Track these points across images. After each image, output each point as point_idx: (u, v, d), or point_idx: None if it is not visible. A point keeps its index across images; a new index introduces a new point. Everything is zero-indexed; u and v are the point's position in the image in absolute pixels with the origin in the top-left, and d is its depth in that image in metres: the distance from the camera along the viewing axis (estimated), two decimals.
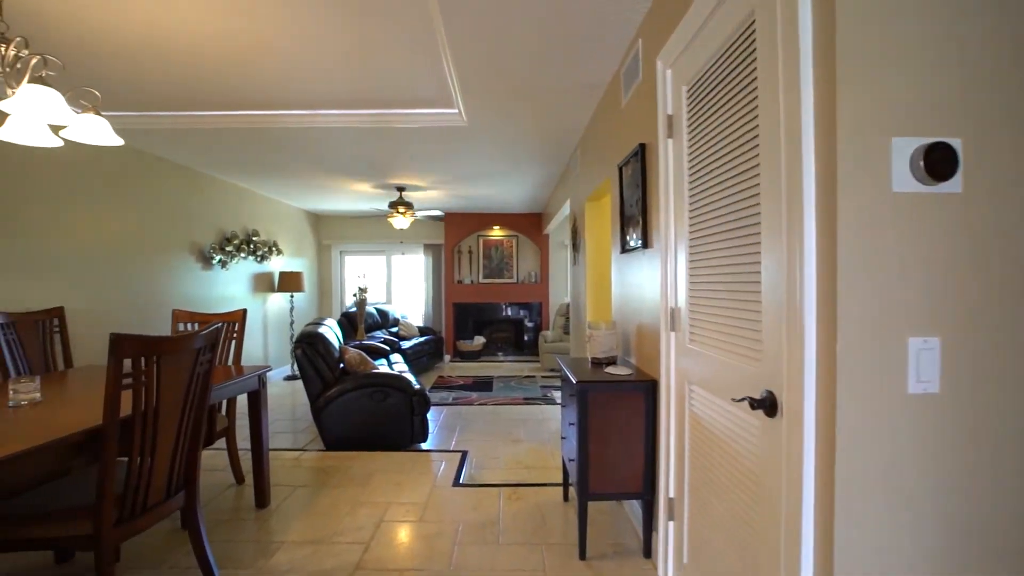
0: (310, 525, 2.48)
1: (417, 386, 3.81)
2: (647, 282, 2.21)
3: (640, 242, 2.24)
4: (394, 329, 7.56)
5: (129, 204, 4.12)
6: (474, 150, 4.26)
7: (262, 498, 2.64)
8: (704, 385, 1.61)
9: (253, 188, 5.97)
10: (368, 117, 3.53)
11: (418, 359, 6.87)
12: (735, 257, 1.37)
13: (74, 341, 3.51)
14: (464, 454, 3.55)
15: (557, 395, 5.54)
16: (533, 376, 6.74)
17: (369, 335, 6.83)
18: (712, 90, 1.50)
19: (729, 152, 1.39)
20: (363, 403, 3.66)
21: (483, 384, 6.22)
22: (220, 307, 5.41)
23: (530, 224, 8.29)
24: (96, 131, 1.89)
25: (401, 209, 5.97)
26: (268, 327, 6.55)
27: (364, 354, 3.85)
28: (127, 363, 1.56)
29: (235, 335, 2.95)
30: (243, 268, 5.87)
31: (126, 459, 1.63)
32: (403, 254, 8.40)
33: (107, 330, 3.87)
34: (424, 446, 3.77)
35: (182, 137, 3.88)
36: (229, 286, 5.59)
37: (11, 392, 1.79)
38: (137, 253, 4.20)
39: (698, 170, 1.62)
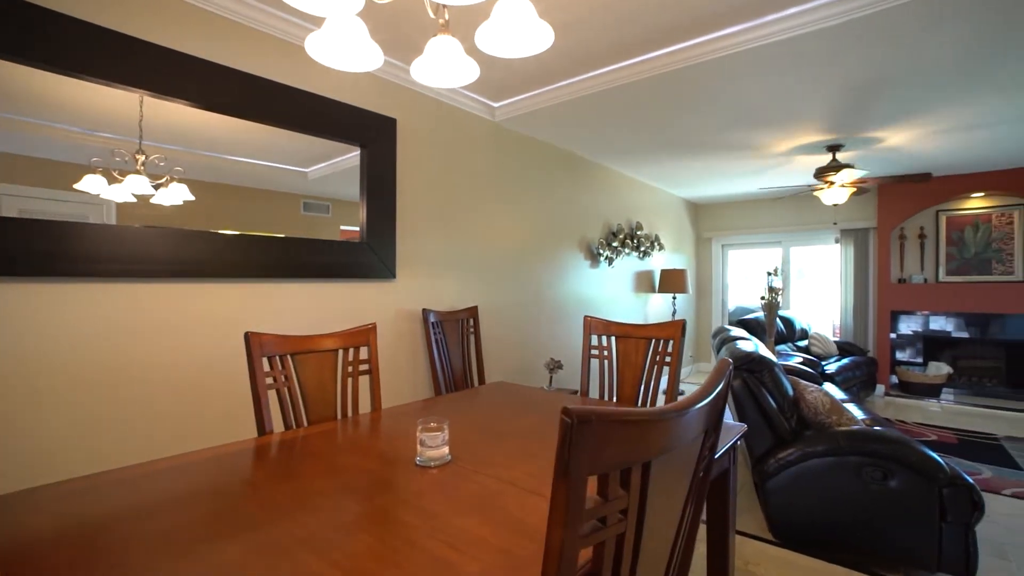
0: None
1: (947, 468, 2.09)
2: None
3: None
4: (802, 343, 5.69)
5: (527, 198, 3.88)
6: None
7: None
8: None
9: (633, 174, 5.27)
10: (833, 9, 2.06)
11: (846, 389, 4.83)
12: None
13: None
14: None
15: None
16: None
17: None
18: None
19: None
20: (843, 479, 2.20)
21: (981, 447, 3.75)
22: (606, 309, 4.88)
23: None
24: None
25: (835, 177, 4.15)
26: None
27: (836, 399, 2.38)
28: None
29: (668, 359, 1.98)
30: (626, 265, 5.24)
31: None
32: (836, 241, 6.14)
33: (505, 329, 3.66)
34: None
35: (568, 114, 3.31)
36: (613, 285, 5.03)
37: (419, 441, 1.21)
38: (531, 249, 3.94)
39: None
